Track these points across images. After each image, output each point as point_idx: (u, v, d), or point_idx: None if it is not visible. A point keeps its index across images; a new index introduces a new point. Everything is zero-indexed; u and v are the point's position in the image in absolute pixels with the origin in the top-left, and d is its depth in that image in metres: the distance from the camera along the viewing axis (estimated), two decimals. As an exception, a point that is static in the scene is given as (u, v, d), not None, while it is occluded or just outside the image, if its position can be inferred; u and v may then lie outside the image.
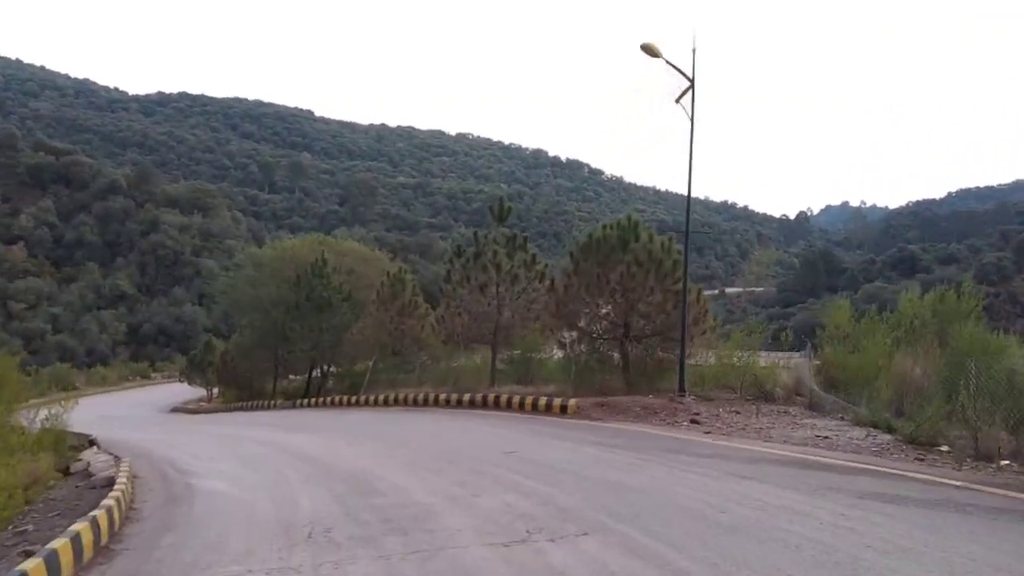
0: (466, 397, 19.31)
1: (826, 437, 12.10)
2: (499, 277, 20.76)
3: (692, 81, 15.90)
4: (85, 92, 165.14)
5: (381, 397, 22.93)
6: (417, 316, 26.16)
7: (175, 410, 41.14)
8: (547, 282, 21.17)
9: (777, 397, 17.02)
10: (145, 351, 75.17)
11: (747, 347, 17.81)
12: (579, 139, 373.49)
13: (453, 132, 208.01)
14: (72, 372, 54.30)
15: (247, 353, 35.39)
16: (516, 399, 17.47)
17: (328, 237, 38.95)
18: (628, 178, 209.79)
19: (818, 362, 18.34)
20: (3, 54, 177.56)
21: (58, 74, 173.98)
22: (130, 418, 31.43)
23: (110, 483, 9.39)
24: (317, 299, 28.59)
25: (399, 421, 17.49)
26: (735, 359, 17.74)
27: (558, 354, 21.29)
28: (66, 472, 12.12)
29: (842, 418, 14.59)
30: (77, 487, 10.41)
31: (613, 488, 8.12)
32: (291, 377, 36.90)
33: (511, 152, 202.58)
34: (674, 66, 15.68)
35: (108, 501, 7.05)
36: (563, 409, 15.87)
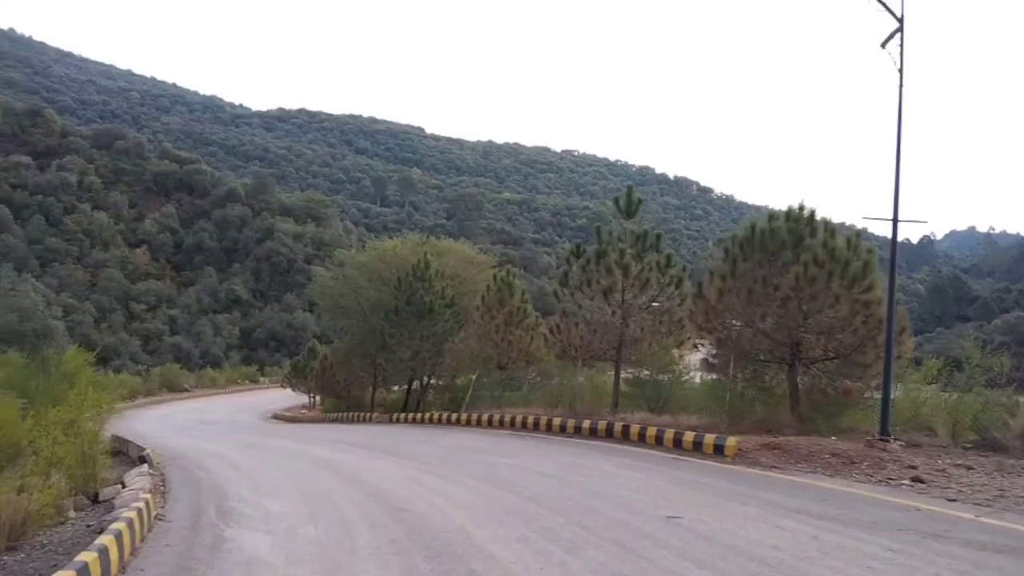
0: (586, 424, 15.92)
1: None
2: (626, 282, 17.30)
3: (901, 21, 12.05)
4: (212, 108, 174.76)
5: (485, 417, 19.92)
6: (526, 326, 23.00)
7: (276, 416, 40.01)
8: (684, 288, 17.60)
9: (1009, 447, 12.64)
10: (256, 355, 76.16)
11: (965, 381, 13.52)
12: (688, 156, 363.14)
13: (559, 148, 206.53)
14: (182, 373, 54.84)
15: (345, 360, 33.44)
16: (651, 432, 13.92)
17: (432, 239, 36.50)
18: (739, 196, 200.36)
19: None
20: (140, 72, 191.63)
21: (188, 91, 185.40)
22: (224, 424, 30.05)
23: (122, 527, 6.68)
24: (418, 304, 26.01)
25: (508, 451, 14.29)
26: (945, 395, 13.52)
27: (697, 377, 17.58)
28: (95, 499, 9.71)
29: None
30: (89, 526, 7.84)
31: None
32: (392, 388, 34.75)
33: (617, 169, 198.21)
34: (881, 1, 11.88)
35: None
36: (718, 450, 12.20)
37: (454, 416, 21.72)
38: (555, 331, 18.67)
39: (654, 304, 17.26)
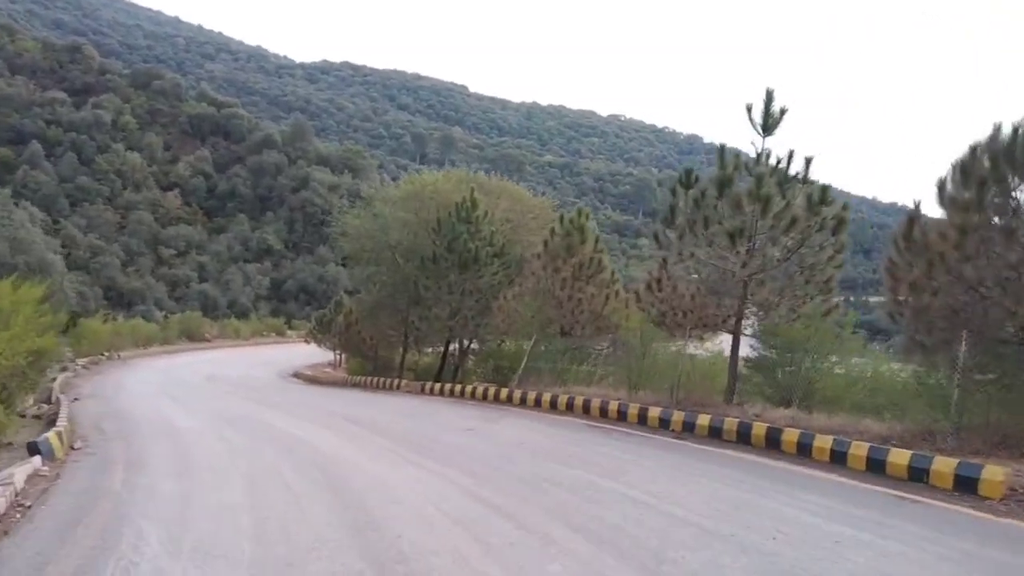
0: (703, 420, 11.07)
1: None
2: (765, 222, 12.27)
3: None
4: (256, 57, 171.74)
5: (546, 396, 15.21)
6: (600, 282, 18.12)
7: (296, 375, 36.07)
8: (843, 236, 12.55)
9: None
10: (285, 307, 73.07)
11: None
12: (736, 126, 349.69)
13: (604, 113, 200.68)
14: (203, 322, 51.35)
15: (372, 315, 28.87)
16: (822, 443, 9.00)
17: (480, 174, 31.19)
18: (791, 170, 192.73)
19: None
20: (187, 19, 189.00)
21: (233, 40, 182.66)
22: (232, 382, 25.89)
23: None
24: (461, 251, 21.24)
25: (600, 459, 9.44)
26: None
27: (855, 362, 12.59)
28: None
29: None
30: None
31: None
32: (426, 351, 30.27)
33: (664, 136, 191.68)
34: None
35: None
36: (964, 484, 7.30)
37: (503, 392, 17.07)
38: (654, 287, 13.68)
39: (801, 250, 12.17)
